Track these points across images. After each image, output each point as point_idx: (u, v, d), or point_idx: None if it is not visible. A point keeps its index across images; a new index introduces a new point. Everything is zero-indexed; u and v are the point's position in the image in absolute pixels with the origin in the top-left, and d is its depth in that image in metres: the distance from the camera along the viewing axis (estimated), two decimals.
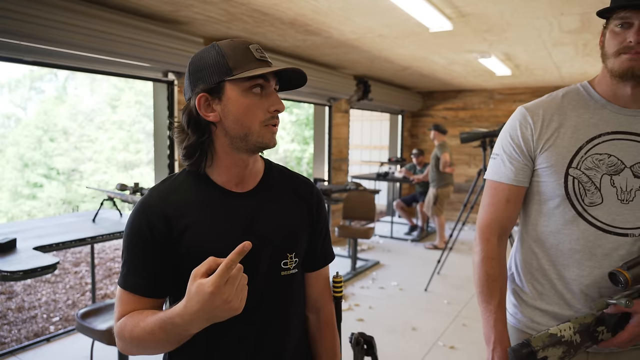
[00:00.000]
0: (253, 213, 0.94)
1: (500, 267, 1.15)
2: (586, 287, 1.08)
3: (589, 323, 1.02)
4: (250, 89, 0.88)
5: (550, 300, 1.12)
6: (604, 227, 1.06)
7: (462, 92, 7.70)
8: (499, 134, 1.22)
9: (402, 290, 4.28)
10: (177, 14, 3.15)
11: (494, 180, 1.17)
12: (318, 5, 2.93)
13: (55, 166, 15.40)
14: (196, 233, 0.90)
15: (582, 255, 1.07)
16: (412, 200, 6.61)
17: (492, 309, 1.12)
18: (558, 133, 1.10)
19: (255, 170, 0.98)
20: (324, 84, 5.12)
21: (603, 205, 1.05)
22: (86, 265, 5.16)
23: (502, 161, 1.16)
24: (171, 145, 3.75)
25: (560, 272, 1.11)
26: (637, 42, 0.99)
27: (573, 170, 1.07)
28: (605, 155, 1.06)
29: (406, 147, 8.23)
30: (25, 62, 2.80)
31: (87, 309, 2.37)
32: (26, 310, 3.89)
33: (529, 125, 1.12)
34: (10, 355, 2.98)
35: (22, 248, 2.31)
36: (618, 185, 1.05)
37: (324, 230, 1.08)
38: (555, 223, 1.10)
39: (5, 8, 2.34)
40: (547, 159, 1.10)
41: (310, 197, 1.04)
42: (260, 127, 0.89)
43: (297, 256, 0.99)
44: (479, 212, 1.22)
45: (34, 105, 17.08)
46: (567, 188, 1.07)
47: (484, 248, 1.16)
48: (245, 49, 0.88)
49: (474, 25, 3.36)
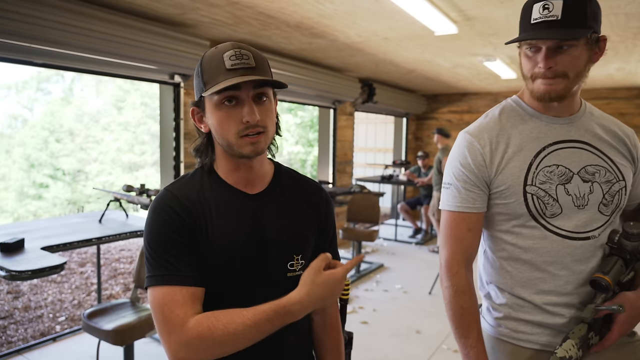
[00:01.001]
0: (262, 214, 0.96)
1: (472, 299, 1.13)
2: (565, 296, 1.09)
3: (584, 334, 1.03)
4: (221, 102, 0.88)
5: (533, 311, 1.12)
6: (569, 235, 1.07)
7: (467, 95, 7.69)
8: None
9: (406, 293, 4.28)
10: (184, 17, 3.18)
11: (452, 210, 1.14)
12: (324, 9, 2.95)
13: (61, 167, 15.50)
14: (215, 228, 0.92)
15: (555, 267, 1.08)
16: (416, 203, 6.61)
17: (471, 343, 1.10)
18: (507, 154, 1.10)
19: (263, 172, 0.99)
20: (329, 87, 5.14)
21: (563, 215, 1.07)
22: (92, 265, 5.19)
23: (456, 190, 1.13)
24: (177, 147, 3.77)
25: (537, 286, 1.11)
26: (546, 68, 1.01)
27: (529, 187, 1.08)
28: (554, 166, 1.08)
29: (411, 149, 8.23)
30: (35, 64, 2.83)
31: (93, 309, 2.40)
32: (32, 309, 3.92)
33: (478, 152, 1.11)
34: (17, 354, 3.00)
35: (30, 248, 2.33)
36: (572, 192, 1.07)
37: (331, 233, 1.09)
38: (524, 240, 1.10)
39: (16, 12, 2.37)
40: (503, 181, 1.10)
41: (319, 200, 1.06)
42: (237, 138, 0.89)
43: (303, 258, 1.00)
44: (440, 246, 1.19)
45: (41, 107, 17.21)
46: (529, 206, 1.08)
47: (454, 283, 1.12)
48: (219, 59, 0.88)
49: (480, 28, 3.37)
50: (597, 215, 1.08)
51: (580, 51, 1.01)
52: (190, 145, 1.00)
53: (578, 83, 1.05)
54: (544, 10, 1.00)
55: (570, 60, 1.01)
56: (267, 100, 0.92)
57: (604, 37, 1.05)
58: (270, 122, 0.93)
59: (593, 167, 1.08)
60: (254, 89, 0.89)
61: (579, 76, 1.04)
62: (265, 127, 0.90)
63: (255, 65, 0.89)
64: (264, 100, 0.91)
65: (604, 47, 1.05)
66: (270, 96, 0.94)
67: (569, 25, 0.98)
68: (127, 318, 2.32)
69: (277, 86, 0.91)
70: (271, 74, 0.94)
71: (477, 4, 2.81)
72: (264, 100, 0.91)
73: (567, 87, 1.04)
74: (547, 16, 0.99)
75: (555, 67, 1.02)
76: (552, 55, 1.02)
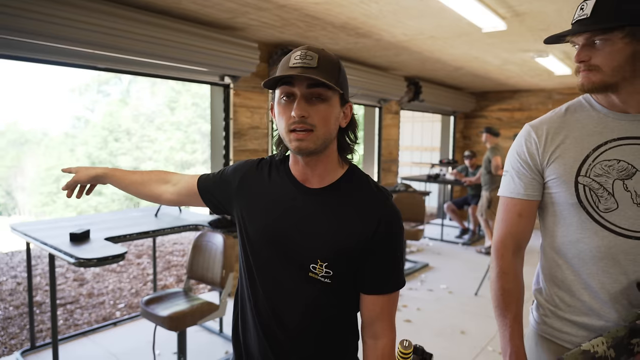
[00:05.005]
0: (306, 209, 1.01)
1: (516, 281, 1.17)
2: (614, 295, 1.06)
3: (622, 336, 1.00)
4: (280, 97, 0.96)
5: (579, 312, 1.11)
6: (623, 232, 1.05)
7: (519, 92, 7.44)
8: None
9: (451, 294, 4.23)
10: (234, 21, 3.31)
11: (506, 196, 1.20)
12: (369, 9, 2.99)
13: (119, 164, 16.41)
14: (253, 201, 1.07)
15: (606, 263, 1.06)
16: (463, 203, 6.48)
17: (508, 323, 1.14)
18: (563, 144, 1.12)
19: (322, 172, 1.01)
20: (374, 86, 5.15)
21: (619, 210, 1.05)
22: (148, 257, 5.50)
23: (511, 177, 1.19)
24: (227, 146, 3.93)
25: (585, 281, 1.10)
26: (577, 61, 1.07)
27: (582, 178, 1.08)
28: (615, 161, 1.06)
29: (458, 148, 8.07)
30: (99, 68, 3.06)
31: (150, 297, 2.57)
32: (95, 296, 4.22)
33: (534, 141, 1.16)
34: (82, 336, 3.26)
35: (94, 238, 2.54)
36: (632, 189, 1.04)
37: (387, 255, 1.01)
38: (574, 232, 1.10)
39: (83, 21, 2.59)
40: (555, 170, 1.11)
41: (375, 216, 0.99)
42: (287, 133, 0.95)
43: (330, 267, 0.98)
44: (494, 229, 1.24)
45: (101, 108, 18.27)
46: (579, 196, 1.08)
47: (499, 264, 1.18)
48: (289, 57, 0.95)
49: (530, 24, 3.28)
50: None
51: (617, 46, 1.02)
52: (239, 144, 1.10)
53: (619, 77, 1.04)
54: (580, 11, 1.06)
55: (603, 55, 1.03)
56: (322, 102, 0.93)
57: None
58: (322, 123, 0.93)
59: None
60: (308, 88, 0.92)
61: (619, 70, 1.03)
62: (314, 126, 0.92)
63: (316, 66, 0.92)
64: (319, 101, 0.93)
65: None
66: (329, 99, 0.94)
67: (598, 21, 1.02)
68: (181, 306, 2.47)
69: (329, 88, 0.93)
70: (337, 80, 0.95)
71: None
72: (318, 100, 0.93)
73: (604, 80, 1.05)
74: (580, 15, 1.05)
75: (588, 60, 1.05)
76: (585, 50, 1.06)
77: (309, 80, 0.91)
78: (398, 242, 1.02)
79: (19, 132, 19.33)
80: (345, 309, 1.05)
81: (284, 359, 1.03)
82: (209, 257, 2.70)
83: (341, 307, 1.04)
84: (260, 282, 1.03)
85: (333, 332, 1.04)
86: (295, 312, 1.01)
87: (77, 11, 2.56)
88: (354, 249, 0.98)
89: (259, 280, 1.03)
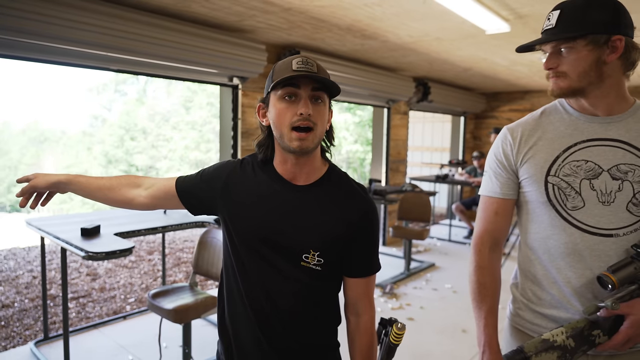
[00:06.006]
0: (295, 205, 1.09)
1: (492, 276, 1.23)
2: (579, 289, 1.11)
3: (582, 327, 1.05)
4: (282, 96, 1.03)
5: (548, 305, 1.17)
6: (589, 229, 1.10)
7: (530, 93, 7.40)
8: None
9: (455, 293, 4.26)
10: (242, 24, 3.40)
11: (484, 195, 1.27)
12: (372, 12, 3.04)
13: (135, 163, 16.68)
14: (240, 199, 1.12)
15: (572, 258, 1.12)
16: (472, 204, 6.47)
17: (482, 315, 1.20)
18: (536, 146, 1.18)
19: (309, 170, 1.10)
20: (383, 87, 5.20)
21: (585, 209, 1.10)
22: (159, 254, 5.63)
23: (489, 177, 1.26)
24: (235, 145, 4.02)
25: (554, 276, 1.15)
26: (545, 68, 1.15)
27: (551, 177, 1.13)
28: (583, 162, 1.11)
29: (468, 149, 8.05)
30: (111, 70, 3.18)
31: (156, 290, 2.67)
32: (107, 290, 4.36)
33: (509, 142, 1.23)
34: (93, 328, 3.39)
35: (104, 233, 2.65)
36: (598, 188, 1.09)
37: (367, 242, 1.13)
38: (545, 229, 1.16)
39: (99, 25, 2.72)
40: (527, 170, 1.18)
41: (356, 208, 1.11)
42: (289, 130, 1.02)
43: (322, 256, 1.08)
44: (474, 225, 1.31)
45: (118, 107, 18.57)
46: (549, 195, 1.13)
47: (476, 259, 1.25)
48: (289, 62, 1.02)
49: (533, 26, 3.30)
50: (624, 214, 1.08)
51: (581, 53, 1.08)
52: (247, 143, 1.18)
53: (586, 82, 1.09)
54: (547, 21, 1.13)
55: (569, 62, 1.09)
56: (322, 104, 1.04)
57: (619, 38, 1.06)
58: (321, 122, 1.04)
59: (627, 166, 1.09)
60: (312, 91, 1.02)
61: (584, 76, 1.09)
62: (316, 125, 1.02)
63: (317, 72, 1.02)
64: (319, 103, 1.04)
65: (620, 47, 1.07)
66: (326, 101, 1.06)
67: (562, 31, 1.09)
68: (186, 299, 2.56)
69: (332, 89, 1.04)
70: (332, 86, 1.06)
71: (527, 2, 2.77)
72: (319, 102, 1.04)
73: (571, 85, 1.11)
74: (547, 25, 1.13)
75: (556, 68, 1.12)
76: (552, 58, 1.12)
77: (315, 83, 1.02)
78: (375, 230, 1.15)
79: (38, 131, 19.81)
80: (331, 292, 1.16)
81: (276, 341, 1.11)
82: (213, 253, 2.79)
83: (328, 290, 1.15)
84: (253, 272, 1.10)
85: (320, 313, 1.15)
86: (289, 295, 1.10)
87: (96, 16, 2.73)
88: (341, 238, 1.09)
89: (252, 272, 1.10)
